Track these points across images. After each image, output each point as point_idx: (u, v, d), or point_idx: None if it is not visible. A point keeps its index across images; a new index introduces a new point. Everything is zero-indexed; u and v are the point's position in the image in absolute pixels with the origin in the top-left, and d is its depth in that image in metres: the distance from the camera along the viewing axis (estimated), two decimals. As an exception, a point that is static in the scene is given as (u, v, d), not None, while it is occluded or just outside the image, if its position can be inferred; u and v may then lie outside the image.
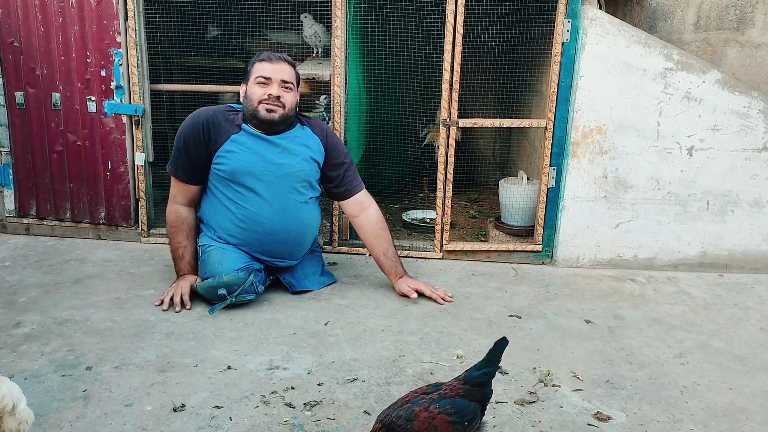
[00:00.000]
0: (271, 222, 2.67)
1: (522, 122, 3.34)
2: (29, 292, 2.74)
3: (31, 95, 3.28)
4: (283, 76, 2.62)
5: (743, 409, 2.04)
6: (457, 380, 1.69)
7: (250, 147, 2.65)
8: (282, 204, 2.68)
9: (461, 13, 2.97)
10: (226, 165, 2.64)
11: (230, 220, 2.69)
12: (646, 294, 2.94)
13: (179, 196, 2.76)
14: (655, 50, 2.99)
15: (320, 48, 3.81)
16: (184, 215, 2.76)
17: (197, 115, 2.68)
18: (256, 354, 2.27)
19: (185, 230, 2.76)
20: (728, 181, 3.12)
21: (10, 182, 3.42)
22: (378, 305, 2.71)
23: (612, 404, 2.04)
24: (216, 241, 2.72)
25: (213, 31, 4.16)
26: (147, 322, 2.48)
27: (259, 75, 2.61)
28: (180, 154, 2.69)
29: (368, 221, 2.85)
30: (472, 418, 1.62)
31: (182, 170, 2.72)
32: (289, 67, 2.66)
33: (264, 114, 2.61)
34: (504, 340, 1.72)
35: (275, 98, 2.60)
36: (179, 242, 2.75)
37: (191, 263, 2.76)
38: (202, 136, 2.65)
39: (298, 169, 2.70)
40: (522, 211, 3.38)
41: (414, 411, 1.59)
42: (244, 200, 2.66)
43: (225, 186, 2.68)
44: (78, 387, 2.02)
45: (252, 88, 2.63)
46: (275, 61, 2.63)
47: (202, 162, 2.68)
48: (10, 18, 3.20)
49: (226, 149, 2.64)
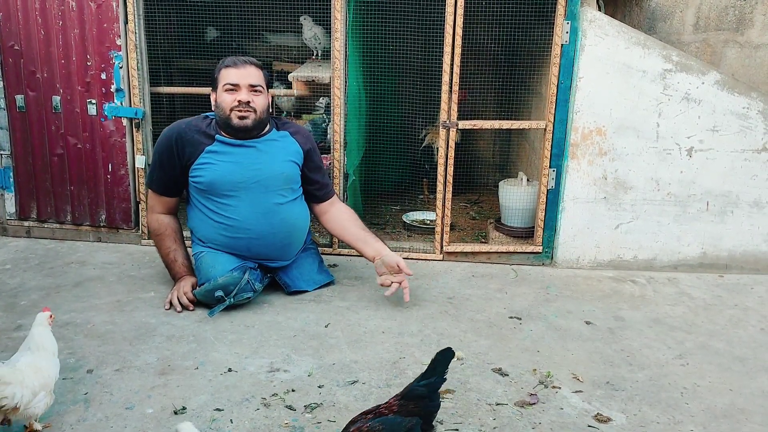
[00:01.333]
0: (256, 227, 2.67)
1: (521, 124, 3.35)
2: (30, 295, 2.74)
3: (31, 98, 3.29)
4: (251, 80, 2.60)
5: (743, 410, 2.05)
6: (395, 396, 1.67)
7: (226, 155, 2.64)
8: (265, 207, 2.67)
9: (460, 15, 2.98)
10: (204, 177, 2.63)
11: (215, 230, 2.69)
12: (646, 295, 2.95)
13: (158, 207, 2.78)
14: (654, 51, 2.99)
15: (320, 50, 3.81)
16: (166, 222, 2.78)
17: (170, 129, 2.69)
18: (256, 356, 2.27)
19: (171, 234, 2.77)
20: (728, 181, 3.12)
21: (10, 185, 3.43)
22: (378, 307, 2.71)
23: (612, 406, 2.04)
24: (206, 247, 2.73)
25: (212, 34, 4.17)
26: (147, 325, 2.49)
27: (226, 82, 2.59)
28: (155, 168, 2.72)
29: (338, 211, 2.87)
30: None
31: (157, 183, 2.74)
32: (256, 69, 2.64)
33: (237, 121, 2.60)
34: (449, 351, 1.67)
35: (245, 104, 2.58)
36: (168, 247, 2.76)
37: (186, 264, 2.76)
38: (174, 152, 2.65)
39: (278, 172, 2.70)
40: (522, 212, 3.38)
41: (349, 431, 1.59)
42: (225, 209, 2.66)
43: (204, 198, 2.68)
44: (79, 390, 2.03)
45: (221, 96, 2.60)
46: (241, 65, 2.60)
47: (176, 176, 2.69)
48: (11, 21, 3.21)
49: (202, 162, 2.64)
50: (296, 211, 2.79)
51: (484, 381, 2.15)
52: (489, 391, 2.10)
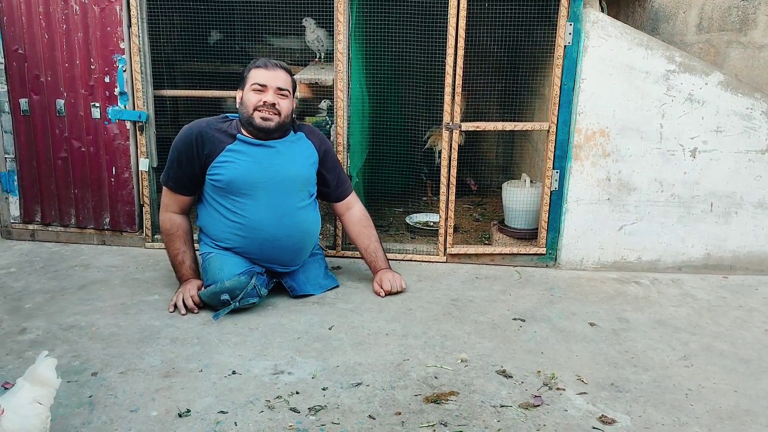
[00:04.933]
0: (270, 228, 2.68)
1: (525, 125, 3.34)
2: (34, 298, 2.75)
3: (35, 102, 3.30)
4: (279, 83, 2.63)
5: (748, 411, 2.04)
6: None
7: (246, 155, 2.65)
8: (282, 209, 2.68)
9: (463, 16, 2.98)
10: (223, 175, 2.63)
11: (229, 229, 2.69)
12: (650, 296, 2.94)
13: (172, 205, 2.77)
14: (657, 52, 2.99)
15: (323, 53, 3.82)
16: (178, 222, 2.77)
17: (190, 127, 2.69)
18: (260, 359, 2.27)
19: (182, 236, 2.76)
20: (732, 182, 3.12)
21: (15, 188, 3.44)
22: (382, 309, 2.71)
23: (617, 407, 2.03)
24: (215, 248, 2.73)
25: (215, 37, 4.18)
26: (152, 328, 2.49)
27: (254, 82, 2.62)
28: (173, 165, 2.71)
29: (351, 219, 2.96)
30: None
31: (174, 181, 2.73)
32: (285, 73, 2.67)
33: (259, 122, 2.62)
34: None
35: (270, 105, 2.60)
36: (177, 248, 2.76)
37: (192, 267, 2.76)
38: (195, 149, 2.65)
39: (297, 173, 2.71)
40: (525, 214, 3.38)
41: None
42: (242, 209, 2.66)
43: (222, 196, 2.67)
44: (83, 393, 2.03)
45: (248, 94, 2.63)
46: (271, 67, 2.63)
47: (195, 174, 2.69)
48: (14, 25, 3.22)
49: (222, 160, 2.64)
50: (311, 217, 2.81)
51: (488, 383, 2.15)
52: (493, 393, 2.09)
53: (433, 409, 1.98)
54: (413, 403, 2.01)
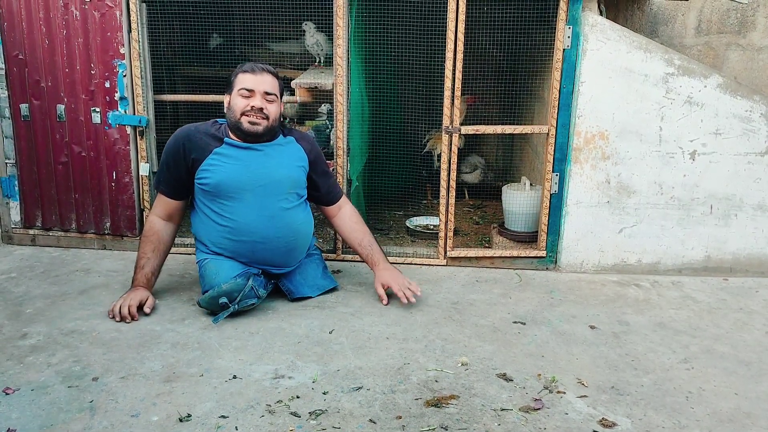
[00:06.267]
0: (260, 230, 2.68)
1: (524, 128, 3.34)
2: (35, 303, 2.75)
3: (35, 107, 3.31)
4: (266, 88, 2.63)
5: (749, 414, 2.04)
6: None
7: (233, 158, 2.66)
8: (270, 211, 2.68)
9: (462, 20, 2.99)
10: (210, 178, 2.64)
11: (219, 233, 2.69)
12: (650, 299, 2.94)
13: (158, 208, 2.78)
14: (656, 55, 2.99)
15: (322, 57, 3.83)
16: (157, 228, 2.76)
17: (179, 132, 2.71)
18: (261, 363, 2.27)
19: (154, 242, 2.75)
20: (731, 185, 3.12)
21: (15, 193, 3.45)
22: (382, 313, 2.71)
23: (617, 410, 2.03)
24: (210, 254, 2.74)
25: (215, 41, 4.19)
26: (152, 332, 2.49)
27: (242, 86, 2.62)
28: (163, 169, 2.73)
29: (342, 218, 2.95)
30: None
31: (164, 184, 2.74)
32: (272, 78, 2.67)
33: (247, 126, 2.62)
34: None
35: (258, 110, 2.61)
36: (144, 252, 2.75)
37: (148, 277, 2.74)
38: (182, 153, 2.66)
39: (285, 176, 2.72)
40: (525, 217, 3.38)
41: None
42: (230, 212, 2.66)
43: (210, 200, 2.68)
44: (84, 398, 2.03)
45: (235, 99, 2.64)
46: (258, 72, 2.63)
47: (182, 178, 2.70)
48: (15, 31, 3.23)
49: (209, 163, 2.65)
50: (301, 217, 2.80)
51: (489, 386, 2.15)
52: (493, 396, 2.09)
53: (433, 413, 1.98)
54: (414, 407, 2.01)
